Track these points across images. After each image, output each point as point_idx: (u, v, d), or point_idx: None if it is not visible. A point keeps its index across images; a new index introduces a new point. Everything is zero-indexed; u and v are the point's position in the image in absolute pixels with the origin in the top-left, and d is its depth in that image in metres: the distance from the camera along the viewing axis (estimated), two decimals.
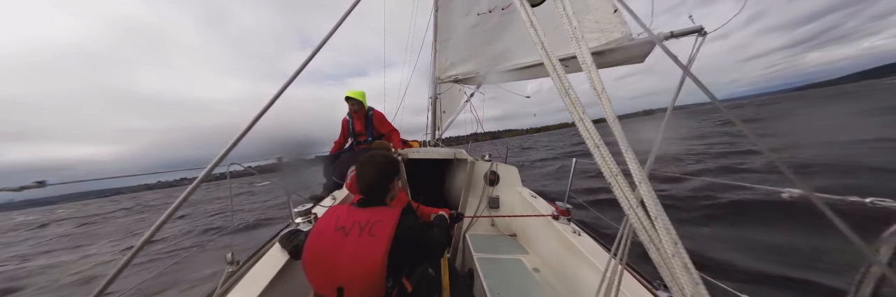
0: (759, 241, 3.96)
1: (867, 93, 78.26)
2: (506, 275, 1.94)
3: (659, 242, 0.52)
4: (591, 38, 2.78)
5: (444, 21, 4.76)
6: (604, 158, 0.60)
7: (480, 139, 5.25)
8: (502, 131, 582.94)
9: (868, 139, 9.75)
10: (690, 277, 0.49)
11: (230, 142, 1.19)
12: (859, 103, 40.71)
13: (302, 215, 2.05)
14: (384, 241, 1.11)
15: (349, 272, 1.10)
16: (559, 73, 0.72)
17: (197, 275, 4.28)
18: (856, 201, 0.81)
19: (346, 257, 1.11)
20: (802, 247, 3.61)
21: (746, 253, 3.65)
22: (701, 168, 8.73)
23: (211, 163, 1.08)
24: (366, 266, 1.09)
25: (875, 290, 0.65)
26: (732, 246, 3.87)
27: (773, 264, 3.37)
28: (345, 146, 3.80)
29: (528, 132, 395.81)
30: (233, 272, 1.73)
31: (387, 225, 1.14)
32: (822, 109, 39.44)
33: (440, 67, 4.90)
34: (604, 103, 0.64)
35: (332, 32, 1.43)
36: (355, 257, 1.10)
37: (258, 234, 6.22)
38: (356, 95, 3.50)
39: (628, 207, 0.57)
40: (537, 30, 0.80)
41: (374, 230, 1.14)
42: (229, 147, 1.13)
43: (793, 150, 9.17)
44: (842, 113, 25.56)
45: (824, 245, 3.44)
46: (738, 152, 10.16)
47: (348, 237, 1.15)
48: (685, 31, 1.94)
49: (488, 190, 3.12)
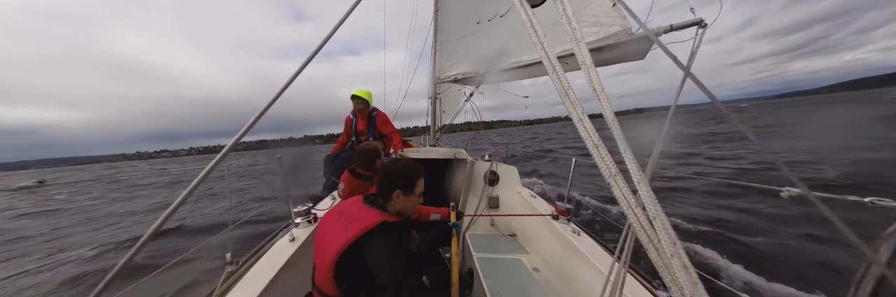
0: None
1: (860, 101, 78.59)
2: (505, 275, 1.94)
3: (658, 242, 0.52)
4: (590, 33, 2.75)
5: (444, 22, 4.75)
6: (603, 158, 0.60)
7: (474, 128, 5.27)
8: (496, 122, 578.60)
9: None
10: (689, 277, 0.49)
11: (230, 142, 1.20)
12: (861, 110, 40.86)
13: (301, 215, 2.05)
14: (344, 239, 1.10)
15: (320, 254, 1.17)
16: (559, 73, 0.72)
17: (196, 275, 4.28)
18: (855, 201, 0.81)
19: (325, 240, 1.18)
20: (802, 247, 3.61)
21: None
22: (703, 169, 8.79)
23: (210, 163, 1.08)
24: (325, 257, 1.12)
25: (875, 290, 0.65)
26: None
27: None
28: (346, 145, 3.81)
29: (521, 124, 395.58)
30: (232, 272, 1.73)
31: (356, 228, 1.13)
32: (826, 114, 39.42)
33: (440, 67, 4.90)
34: (603, 104, 0.64)
35: (330, 34, 1.43)
36: (327, 243, 1.15)
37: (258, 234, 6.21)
38: (363, 95, 3.51)
39: (628, 207, 0.57)
40: (537, 30, 0.80)
41: (348, 226, 1.15)
42: (229, 147, 1.13)
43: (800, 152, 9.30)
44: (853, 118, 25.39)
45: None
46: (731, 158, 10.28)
47: (337, 223, 1.20)
48: (685, 24, 1.91)
49: (488, 190, 3.12)
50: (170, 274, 4.05)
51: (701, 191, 6.42)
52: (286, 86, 1.22)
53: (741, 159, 9.58)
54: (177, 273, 4.21)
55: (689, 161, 10.21)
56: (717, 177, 7.70)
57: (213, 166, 1.06)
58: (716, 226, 4.55)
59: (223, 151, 1.10)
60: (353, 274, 1.11)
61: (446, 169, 4.19)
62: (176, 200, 0.98)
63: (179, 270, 4.26)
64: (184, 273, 4.26)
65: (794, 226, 4.21)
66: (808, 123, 25.14)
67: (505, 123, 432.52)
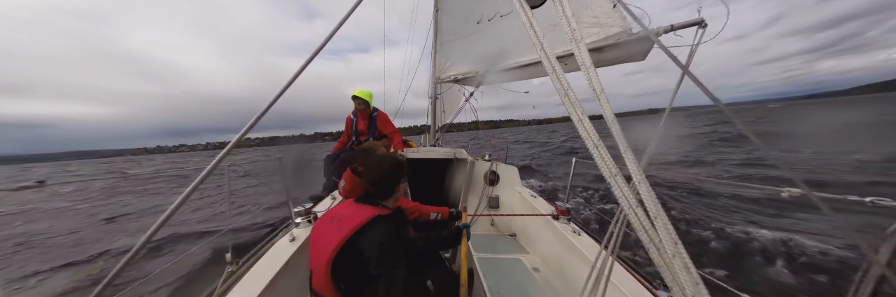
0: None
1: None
2: (505, 275, 1.94)
3: (659, 242, 0.52)
4: (590, 33, 2.74)
5: (444, 22, 4.75)
6: (603, 158, 0.60)
7: (483, 128, 5.22)
8: (504, 121, 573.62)
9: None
10: (691, 277, 0.48)
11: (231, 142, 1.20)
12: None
13: (302, 215, 2.05)
14: (339, 237, 1.10)
15: (315, 258, 1.17)
16: (558, 74, 0.72)
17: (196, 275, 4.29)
18: (856, 201, 0.81)
19: (320, 243, 1.18)
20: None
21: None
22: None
23: (210, 164, 1.08)
24: (321, 258, 1.12)
25: (875, 290, 0.65)
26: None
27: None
28: (347, 146, 3.81)
29: (529, 123, 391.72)
30: (232, 272, 1.73)
31: (350, 225, 1.13)
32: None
33: (440, 67, 4.90)
34: (603, 104, 0.64)
35: (330, 35, 1.43)
36: (322, 246, 1.15)
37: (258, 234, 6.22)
38: (363, 95, 3.51)
39: (628, 207, 0.56)
40: (537, 31, 0.80)
41: (342, 226, 1.15)
42: (229, 147, 1.13)
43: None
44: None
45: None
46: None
47: (330, 225, 1.20)
48: (685, 24, 1.90)
49: (488, 190, 3.12)
50: (170, 274, 4.05)
51: (700, 191, 6.43)
52: (289, 83, 1.23)
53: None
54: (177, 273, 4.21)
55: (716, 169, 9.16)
56: (717, 177, 7.70)
57: (216, 163, 1.06)
58: (716, 226, 4.56)
59: (226, 148, 1.10)
60: (352, 271, 1.11)
61: (446, 169, 4.19)
62: (176, 200, 0.98)
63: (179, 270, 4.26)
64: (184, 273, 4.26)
65: (794, 226, 4.21)
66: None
67: (513, 123, 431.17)
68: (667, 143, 1.14)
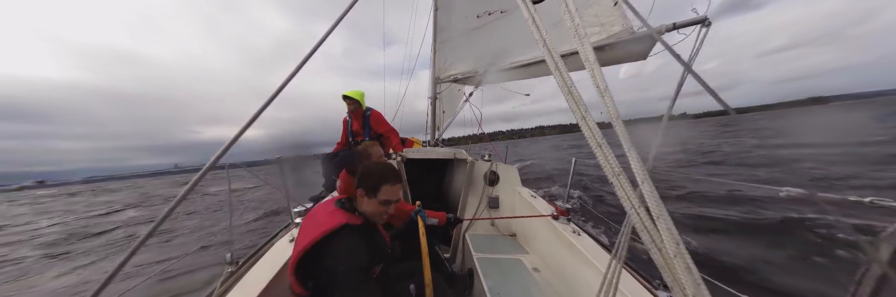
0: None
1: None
2: (506, 275, 1.94)
3: (661, 242, 0.52)
4: (592, 33, 2.72)
5: (444, 21, 4.74)
6: (606, 157, 0.60)
7: (497, 139, 5.16)
8: (514, 131, 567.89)
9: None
10: (692, 277, 0.48)
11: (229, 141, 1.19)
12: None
13: (301, 215, 2.04)
14: (307, 240, 1.12)
15: (293, 258, 1.17)
16: (561, 70, 0.71)
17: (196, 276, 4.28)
18: (855, 201, 0.81)
19: (297, 241, 1.20)
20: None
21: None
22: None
23: (207, 164, 1.08)
24: (292, 257, 1.14)
25: (875, 289, 0.65)
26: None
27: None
28: (345, 146, 3.80)
29: (534, 135, 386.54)
30: (232, 273, 1.73)
31: (320, 230, 1.13)
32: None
33: (439, 67, 4.89)
34: (607, 102, 0.64)
35: (325, 36, 1.42)
36: (297, 245, 1.17)
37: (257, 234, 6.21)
38: (354, 95, 3.47)
39: (630, 207, 0.56)
40: (539, 27, 0.79)
41: (314, 229, 1.17)
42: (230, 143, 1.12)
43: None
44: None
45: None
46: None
47: (310, 225, 1.22)
48: (687, 23, 1.87)
49: (488, 190, 3.11)
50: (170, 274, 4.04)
51: (701, 191, 6.43)
52: (283, 86, 1.23)
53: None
54: (177, 273, 4.20)
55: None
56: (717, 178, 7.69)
57: (211, 165, 1.06)
58: (715, 226, 4.56)
59: (225, 146, 1.09)
60: (317, 275, 1.14)
61: (446, 169, 4.18)
62: (175, 200, 0.98)
63: (179, 270, 4.25)
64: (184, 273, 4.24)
65: (794, 226, 4.21)
66: None
67: (522, 133, 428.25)
68: (671, 142, 1.14)
